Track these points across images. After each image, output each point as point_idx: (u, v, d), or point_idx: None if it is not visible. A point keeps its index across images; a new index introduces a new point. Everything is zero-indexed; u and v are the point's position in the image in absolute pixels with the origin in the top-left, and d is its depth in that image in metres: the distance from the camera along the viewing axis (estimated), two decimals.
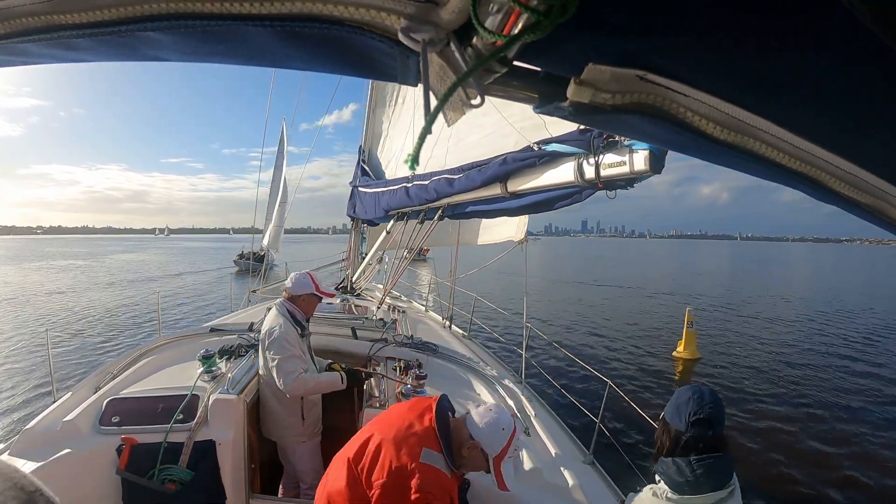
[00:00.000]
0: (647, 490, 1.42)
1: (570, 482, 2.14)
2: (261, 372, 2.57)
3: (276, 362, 2.38)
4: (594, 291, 22.58)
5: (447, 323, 5.15)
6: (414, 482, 1.35)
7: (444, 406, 1.55)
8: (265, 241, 31.71)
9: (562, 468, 2.22)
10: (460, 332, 5.03)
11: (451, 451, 1.47)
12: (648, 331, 13.28)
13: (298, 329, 2.60)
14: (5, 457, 1.96)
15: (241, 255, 29.47)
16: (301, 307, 2.70)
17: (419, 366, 2.78)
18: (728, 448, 1.33)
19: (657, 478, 1.38)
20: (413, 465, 1.38)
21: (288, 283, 2.74)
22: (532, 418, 2.62)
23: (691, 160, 1.91)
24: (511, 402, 2.71)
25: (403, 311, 4.91)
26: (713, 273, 39.60)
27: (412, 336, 3.36)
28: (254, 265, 27.82)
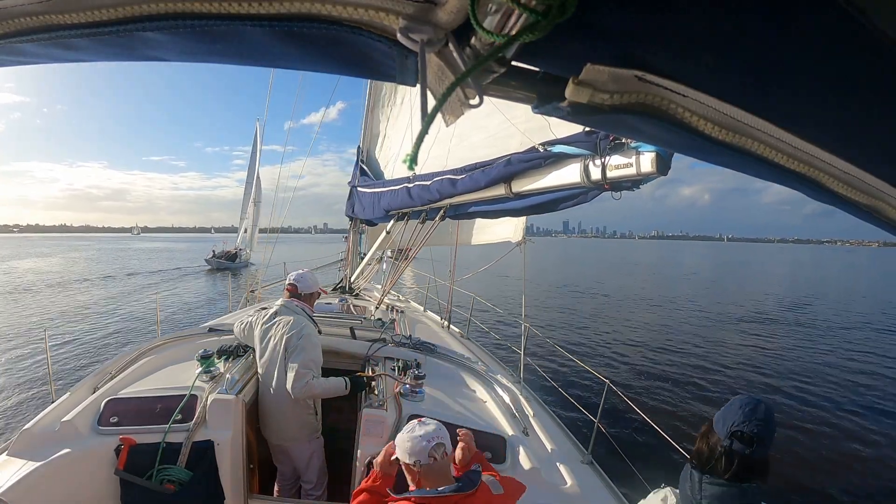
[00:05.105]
0: (658, 493, 1.38)
1: (569, 482, 2.14)
2: (261, 371, 2.54)
3: (298, 363, 2.37)
4: (610, 298, 20.43)
5: (445, 323, 5.14)
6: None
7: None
8: (238, 240, 31.79)
9: (560, 468, 2.22)
10: (458, 331, 5.03)
11: None
12: (650, 331, 13.30)
13: (316, 328, 2.64)
14: (4, 457, 1.96)
15: (213, 254, 29.96)
16: (311, 305, 2.72)
17: (418, 365, 2.77)
18: (764, 475, 1.21)
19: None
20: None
21: (294, 281, 2.70)
22: (530, 418, 2.62)
23: (674, 161, 1.95)
24: (509, 402, 2.71)
25: (402, 311, 4.91)
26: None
27: (410, 336, 3.35)
28: (226, 264, 28.14)
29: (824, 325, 15.31)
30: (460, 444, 1.67)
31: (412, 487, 1.47)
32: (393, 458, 1.57)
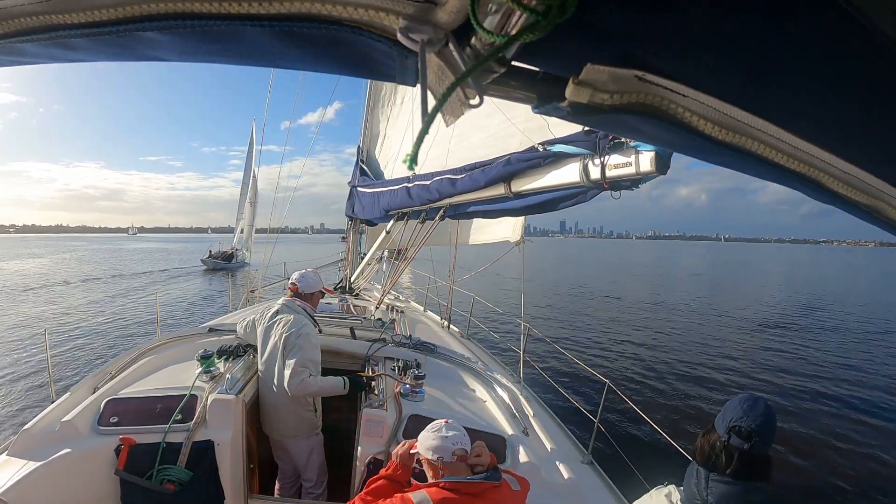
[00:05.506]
0: (662, 490, 1.38)
1: (569, 482, 2.14)
2: (262, 369, 2.56)
3: (295, 361, 2.40)
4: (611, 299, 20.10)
5: (445, 323, 5.15)
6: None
7: None
8: (234, 240, 31.99)
9: (560, 468, 2.22)
10: (458, 331, 5.03)
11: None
12: (650, 331, 13.30)
13: (316, 327, 2.67)
14: (4, 457, 1.96)
15: (210, 254, 30.15)
16: (313, 304, 2.75)
17: (418, 365, 2.78)
18: (767, 473, 1.21)
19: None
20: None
21: (297, 280, 2.74)
22: (530, 418, 2.62)
23: (671, 161, 1.97)
24: (509, 402, 2.71)
25: (402, 311, 4.91)
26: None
27: (410, 336, 3.35)
28: (222, 264, 28.26)
29: (826, 326, 15.31)
30: (477, 450, 1.66)
31: (431, 481, 1.48)
32: (413, 451, 1.57)
